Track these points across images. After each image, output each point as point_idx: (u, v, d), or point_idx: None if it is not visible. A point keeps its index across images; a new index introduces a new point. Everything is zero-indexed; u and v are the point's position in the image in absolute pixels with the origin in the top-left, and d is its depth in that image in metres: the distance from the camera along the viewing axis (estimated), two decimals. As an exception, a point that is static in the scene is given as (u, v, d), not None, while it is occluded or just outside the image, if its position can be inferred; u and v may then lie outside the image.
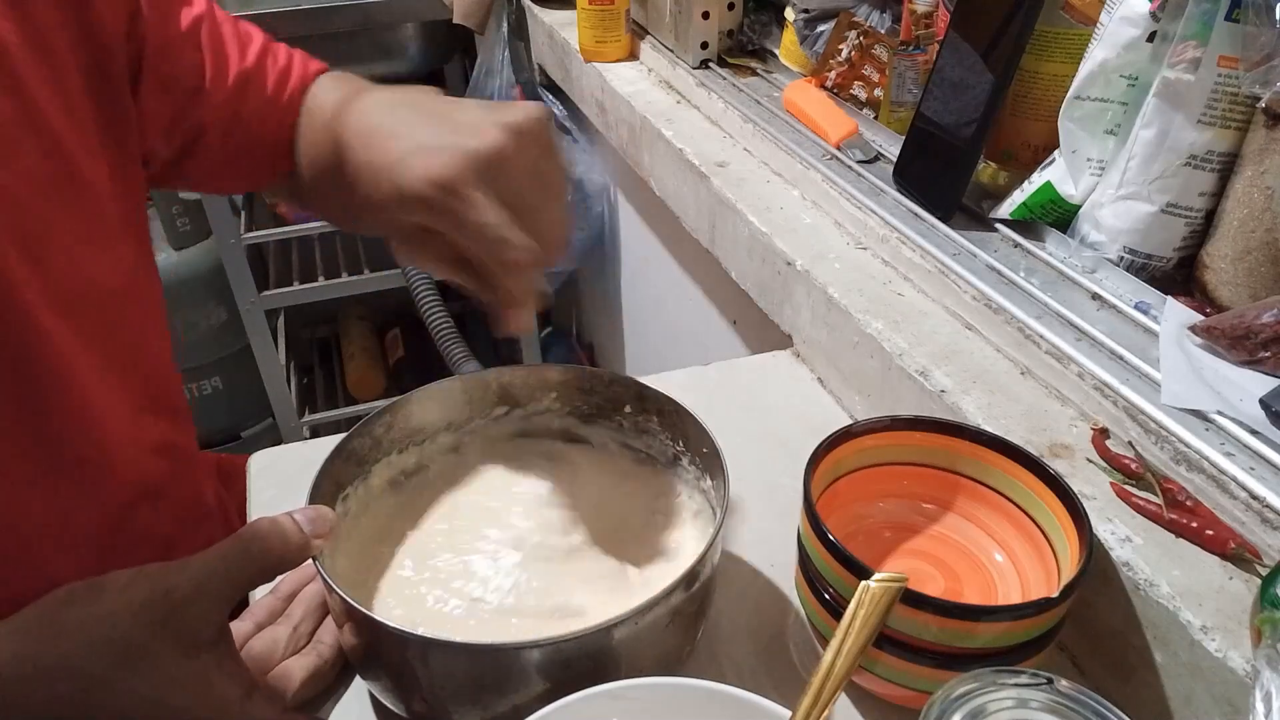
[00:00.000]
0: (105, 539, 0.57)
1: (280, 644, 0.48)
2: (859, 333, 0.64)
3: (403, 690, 0.44)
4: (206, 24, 0.61)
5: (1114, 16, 0.59)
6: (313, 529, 0.44)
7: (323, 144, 0.59)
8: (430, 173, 0.45)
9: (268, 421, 2.01)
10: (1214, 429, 0.48)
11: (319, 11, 1.56)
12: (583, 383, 0.56)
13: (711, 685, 0.39)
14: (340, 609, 0.43)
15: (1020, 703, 0.33)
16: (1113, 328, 0.57)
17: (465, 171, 0.45)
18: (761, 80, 0.99)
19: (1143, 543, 0.45)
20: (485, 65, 1.42)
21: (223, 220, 1.61)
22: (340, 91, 0.60)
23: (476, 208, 0.45)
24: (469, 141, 0.45)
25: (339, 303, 2.08)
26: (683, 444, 0.53)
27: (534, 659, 0.40)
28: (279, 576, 0.50)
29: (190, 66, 0.60)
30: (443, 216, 0.46)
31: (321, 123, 0.60)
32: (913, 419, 0.51)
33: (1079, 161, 0.63)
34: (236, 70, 0.62)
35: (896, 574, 0.38)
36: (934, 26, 0.79)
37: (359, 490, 0.51)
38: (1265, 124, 0.54)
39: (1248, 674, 0.39)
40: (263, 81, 0.63)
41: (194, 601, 0.41)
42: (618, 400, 0.56)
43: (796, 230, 0.75)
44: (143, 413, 0.60)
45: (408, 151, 0.47)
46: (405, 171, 0.46)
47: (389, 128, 0.50)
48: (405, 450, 0.54)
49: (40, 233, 0.51)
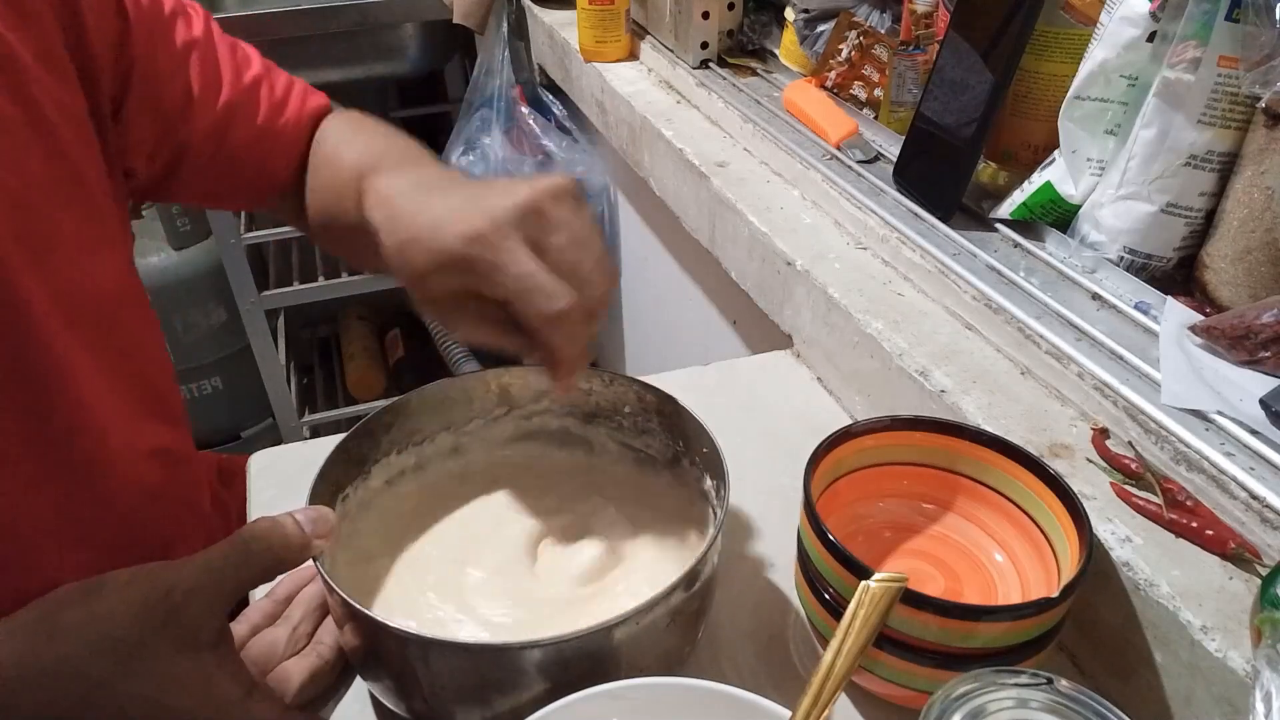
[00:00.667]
0: (105, 541, 0.57)
1: (279, 645, 0.48)
2: (859, 333, 0.64)
3: (404, 690, 0.44)
4: (200, 47, 0.61)
5: (1114, 16, 0.59)
6: (313, 529, 0.44)
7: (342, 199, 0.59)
8: (466, 231, 0.44)
9: (268, 421, 2.01)
10: (1214, 429, 0.48)
11: (319, 11, 1.56)
12: (582, 383, 0.56)
13: (711, 685, 0.39)
14: (341, 610, 0.43)
15: (1020, 703, 0.33)
16: (1113, 328, 0.57)
17: (501, 225, 0.44)
18: (761, 80, 0.99)
19: (1143, 543, 0.45)
20: (485, 65, 1.42)
21: (223, 220, 1.61)
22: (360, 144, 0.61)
23: (515, 258, 0.44)
24: (501, 200, 0.45)
25: (339, 303, 2.08)
26: (683, 444, 0.53)
27: (534, 659, 0.40)
28: (277, 578, 0.50)
29: (177, 90, 0.60)
30: (481, 272, 0.44)
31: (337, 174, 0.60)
32: (913, 419, 0.51)
33: (1079, 161, 0.63)
34: (226, 98, 0.62)
35: (896, 574, 0.38)
36: (934, 26, 0.79)
37: (358, 491, 0.51)
38: (1265, 124, 0.54)
39: (1248, 674, 0.39)
40: (254, 110, 0.63)
41: (194, 601, 0.41)
42: (617, 400, 0.56)
43: (796, 230, 0.75)
44: (141, 417, 0.60)
45: (440, 218, 0.46)
46: (439, 235, 0.45)
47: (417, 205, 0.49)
48: (404, 451, 0.54)
49: (45, 236, 0.51)
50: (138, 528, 0.60)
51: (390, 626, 0.40)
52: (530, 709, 0.38)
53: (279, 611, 0.50)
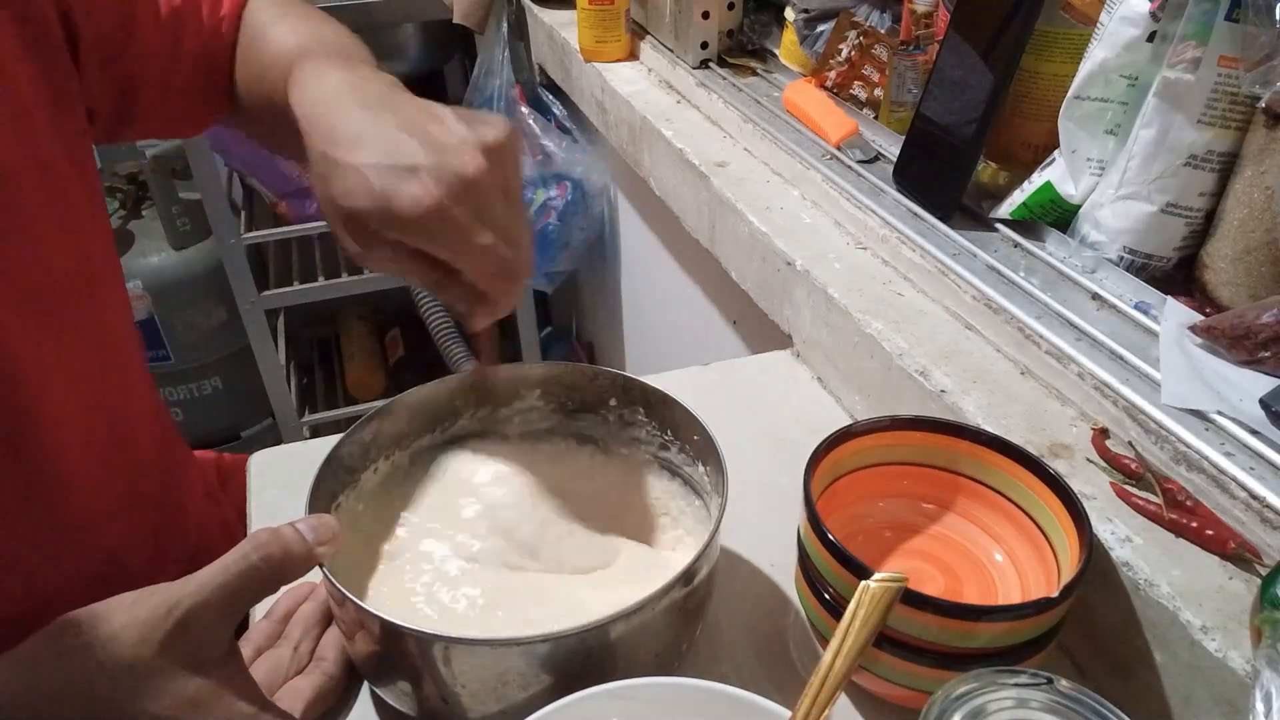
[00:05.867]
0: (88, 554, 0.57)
1: (283, 665, 0.47)
2: (859, 333, 0.64)
3: (421, 692, 0.43)
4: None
5: (1114, 16, 0.59)
6: (315, 537, 0.43)
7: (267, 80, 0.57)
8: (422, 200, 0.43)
9: (268, 421, 2.01)
10: (1214, 429, 0.48)
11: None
12: (566, 378, 0.56)
13: (711, 685, 0.39)
14: (354, 617, 0.43)
15: (1020, 703, 0.33)
16: (1113, 328, 0.57)
17: (456, 195, 0.43)
18: (761, 80, 0.99)
19: (1143, 543, 0.45)
20: (485, 65, 1.42)
21: (223, 220, 1.61)
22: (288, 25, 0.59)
23: (475, 231, 0.44)
24: (452, 162, 0.44)
25: (339, 303, 2.08)
26: (671, 433, 0.54)
27: (539, 653, 0.40)
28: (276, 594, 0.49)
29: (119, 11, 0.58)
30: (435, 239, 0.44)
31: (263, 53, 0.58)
32: (913, 419, 0.51)
33: (1079, 161, 0.63)
34: (169, 6, 0.60)
35: (896, 574, 0.38)
36: (934, 26, 0.79)
37: (349, 499, 0.51)
38: (1265, 124, 0.54)
39: (1248, 674, 0.39)
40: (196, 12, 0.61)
41: (199, 618, 0.41)
42: (602, 394, 0.56)
43: (796, 230, 0.75)
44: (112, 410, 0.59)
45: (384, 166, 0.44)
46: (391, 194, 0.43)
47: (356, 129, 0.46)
48: (393, 455, 0.54)
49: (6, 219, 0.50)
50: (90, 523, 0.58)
51: (407, 628, 0.40)
52: (542, 700, 0.38)
53: (279, 631, 0.50)
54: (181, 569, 0.43)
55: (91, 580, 0.57)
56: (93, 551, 0.58)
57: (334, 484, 0.50)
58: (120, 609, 0.41)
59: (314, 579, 0.47)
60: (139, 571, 0.60)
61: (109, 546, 0.59)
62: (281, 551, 0.42)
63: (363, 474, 0.52)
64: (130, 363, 0.63)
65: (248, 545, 0.42)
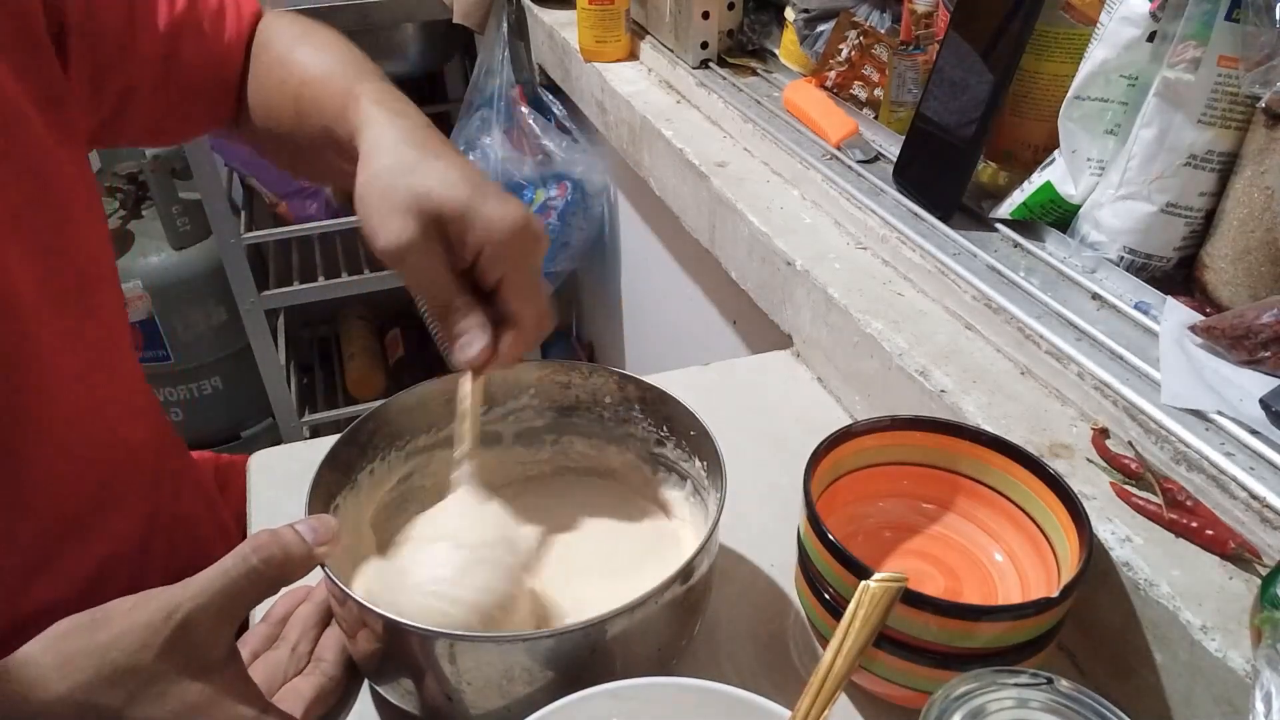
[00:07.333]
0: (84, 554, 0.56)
1: (282, 667, 0.47)
2: (859, 333, 0.64)
3: (424, 691, 0.43)
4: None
5: (1114, 16, 0.59)
6: (315, 538, 0.43)
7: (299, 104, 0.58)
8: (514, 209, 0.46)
9: (268, 421, 2.01)
10: (1214, 429, 0.48)
11: (319, 12, 1.55)
12: (560, 376, 0.56)
13: (711, 685, 0.39)
14: (356, 616, 0.43)
15: (1020, 703, 0.33)
16: (1113, 328, 0.57)
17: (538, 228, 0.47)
18: (761, 80, 0.99)
19: (1143, 543, 0.45)
20: (485, 65, 1.42)
21: (223, 220, 1.61)
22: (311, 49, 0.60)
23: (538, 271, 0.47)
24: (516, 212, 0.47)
25: (339, 303, 2.08)
26: (667, 428, 0.54)
27: (544, 649, 0.40)
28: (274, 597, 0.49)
29: (116, 18, 0.58)
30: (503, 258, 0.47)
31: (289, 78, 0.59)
32: (913, 419, 0.51)
33: (1079, 161, 0.63)
34: (167, 17, 0.60)
35: (896, 574, 0.38)
36: (934, 26, 0.79)
37: (347, 500, 0.51)
38: (1265, 124, 0.54)
39: (1248, 674, 0.39)
40: (197, 25, 0.61)
41: (199, 622, 0.40)
42: (597, 392, 0.56)
43: (796, 230, 0.75)
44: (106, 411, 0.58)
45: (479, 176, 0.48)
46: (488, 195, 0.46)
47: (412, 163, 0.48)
48: (388, 456, 0.54)
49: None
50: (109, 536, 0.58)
51: (416, 628, 0.40)
52: (545, 696, 0.38)
53: (276, 634, 0.50)
54: (179, 571, 0.43)
55: (88, 584, 0.57)
56: (88, 555, 0.57)
57: (333, 484, 0.50)
58: (119, 614, 0.41)
59: (312, 580, 0.47)
60: (136, 575, 0.60)
61: (104, 550, 0.58)
62: (282, 553, 0.42)
63: (361, 474, 0.52)
64: (125, 364, 0.63)
65: (247, 547, 0.42)
